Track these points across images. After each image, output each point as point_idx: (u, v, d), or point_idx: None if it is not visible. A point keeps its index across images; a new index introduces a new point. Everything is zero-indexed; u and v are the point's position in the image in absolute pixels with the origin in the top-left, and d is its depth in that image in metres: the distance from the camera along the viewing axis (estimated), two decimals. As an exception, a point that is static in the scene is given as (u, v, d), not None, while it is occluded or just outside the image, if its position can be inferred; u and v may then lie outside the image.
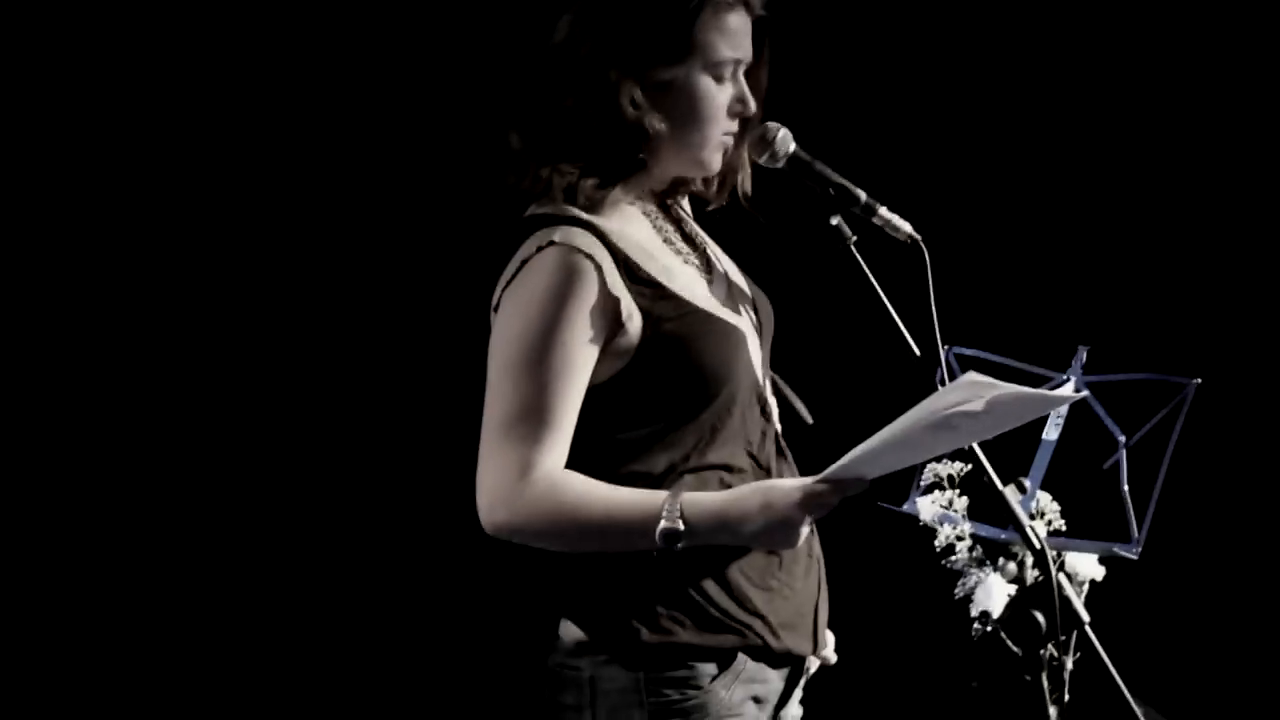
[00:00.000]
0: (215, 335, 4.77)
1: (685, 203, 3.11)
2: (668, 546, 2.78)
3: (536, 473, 2.80)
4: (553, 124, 2.90)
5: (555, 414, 2.82)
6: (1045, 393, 2.87)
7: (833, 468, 2.75)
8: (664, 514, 2.78)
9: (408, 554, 4.81)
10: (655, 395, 2.88)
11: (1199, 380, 3.08)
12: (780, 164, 3.00)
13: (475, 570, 4.69)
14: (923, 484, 3.10)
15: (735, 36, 2.93)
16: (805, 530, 2.81)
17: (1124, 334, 4.53)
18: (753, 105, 2.96)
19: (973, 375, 2.67)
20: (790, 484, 2.80)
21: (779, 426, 3.01)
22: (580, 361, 2.83)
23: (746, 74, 2.96)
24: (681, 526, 2.78)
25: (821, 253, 2.95)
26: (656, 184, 3.01)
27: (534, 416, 2.81)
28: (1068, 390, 2.97)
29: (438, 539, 4.71)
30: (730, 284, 3.03)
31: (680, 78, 2.91)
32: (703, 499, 2.81)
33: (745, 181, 3.04)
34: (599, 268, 2.85)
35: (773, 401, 3.02)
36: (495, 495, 2.81)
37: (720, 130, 2.95)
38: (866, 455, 2.73)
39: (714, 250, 3.08)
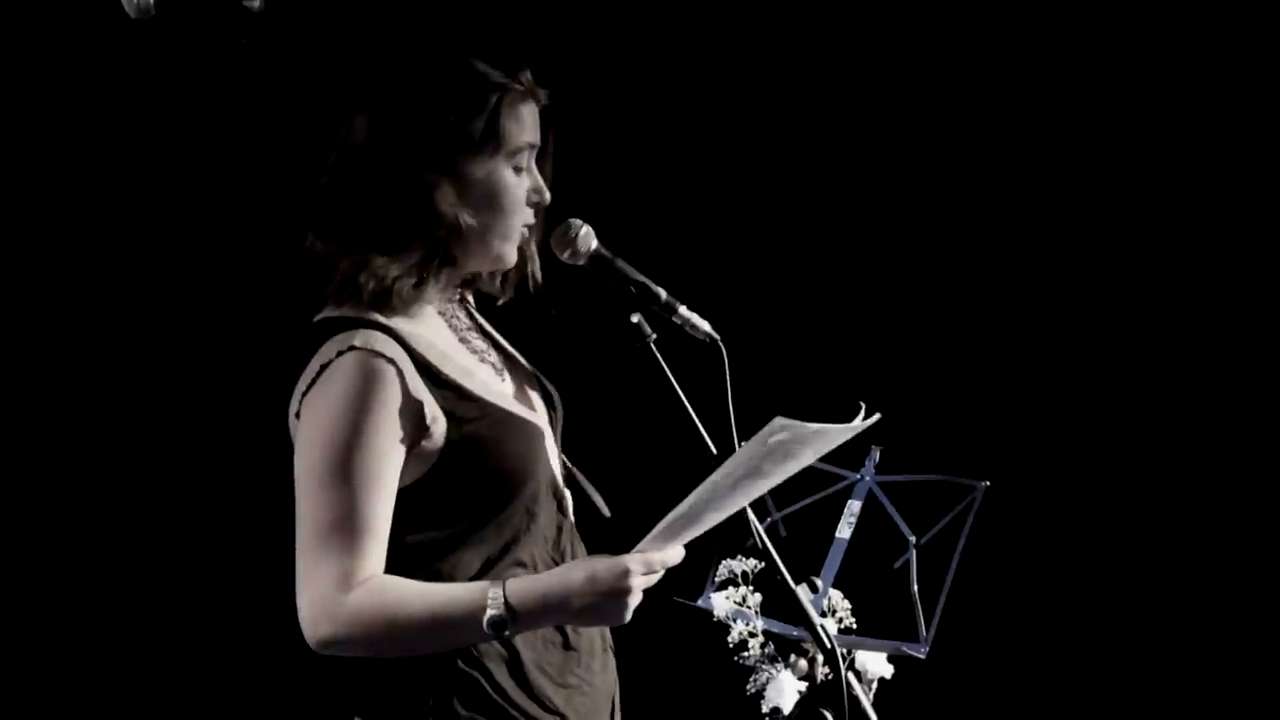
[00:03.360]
0: (216, 336, 4.73)
1: (471, 298, 3.11)
2: (497, 635, 2.78)
3: (357, 583, 2.78)
4: (360, 223, 2.89)
5: (369, 521, 2.80)
6: (845, 427, 2.89)
7: (653, 532, 2.77)
8: (489, 603, 2.77)
9: None
10: (459, 496, 2.88)
11: (987, 483, 3.13)
12: (582, 261, 3.02)
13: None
14: (717, 580, 3.12)
15: (529, 125, 2.96)
16: (634, 602, 2.80)
17: (916, 435, 4.58)
18: (548, 195, 2.99)
19: (780, 419, 2.71)
20: (613, 557, 2.80)
21: (573, 519, 3.02)
22: (388, 466, 2.82)
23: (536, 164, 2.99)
24: (507, 613, 2.77)
25: (621, 348, 2.97)
26: (455, 280, 3.01)
27: (348, 525, 2.79)
28: (856, 426, 2.98)
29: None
30: (523, 379, 3.04)
31: (487, 171, 2.92)
32: (525, 583, 2.80)
33: (536, 272, 3.05)
34: (400, 372, 2.84)
35: (568, 495, 3.03)
36: (318, 610, 2.78)
37: (520, 221, 2.97)
38: (685, 515, 2.75)
39: (504, 344, 3.09)
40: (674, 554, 2.80)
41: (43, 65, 4.66)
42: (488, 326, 3.10)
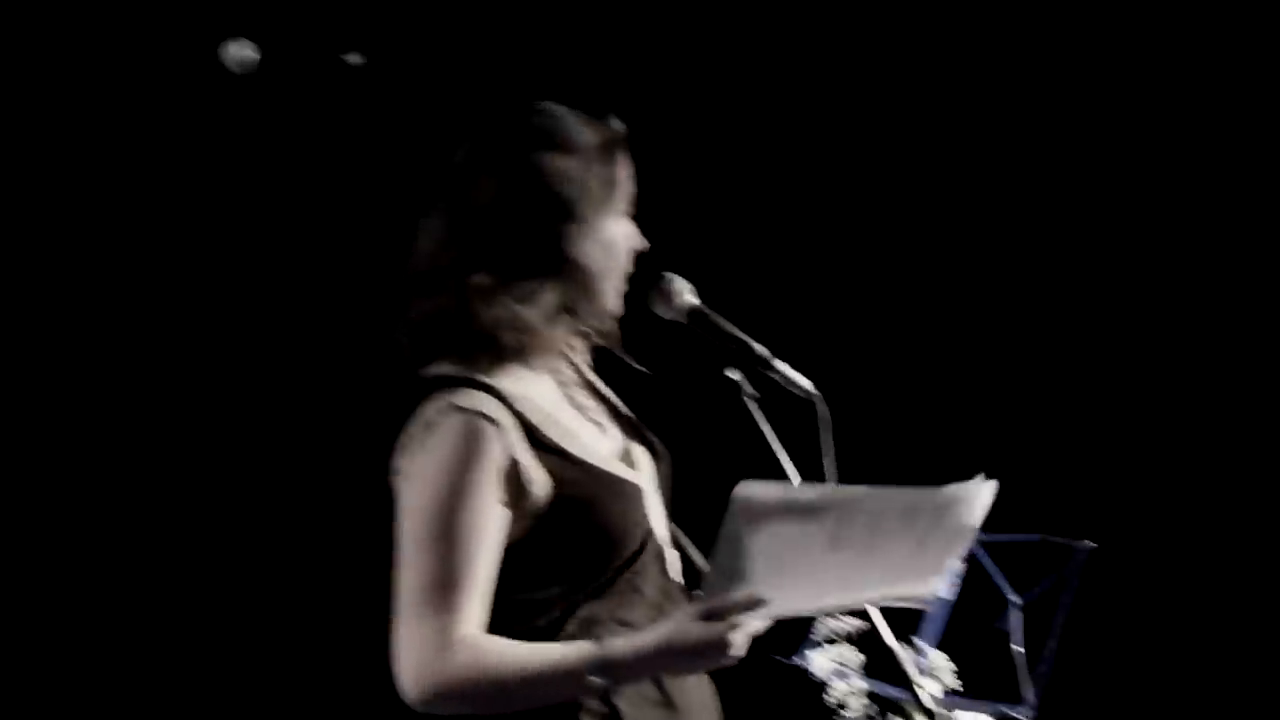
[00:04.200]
0: (216, 337, 4.78)
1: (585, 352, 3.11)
2: (597, 695, 2.78)
3: (457, 641, 2.78)
4: (487, 275, 2.88)
5: (470, 580, 2.80)
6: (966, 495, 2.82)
7: (741, 591, 2.74)
8: (590, 664, 2.77)
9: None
10: (560, 555, 2.87)
11: (1092, 543, 3.09)
12: (680, 316, 3.01)
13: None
14: (816, 638, 3.10)
15: (631, 175, 2.97)
16: (740, 640, 2.76)
17: (1020, 493, 4.54)
18: (643, 240, 2.99)
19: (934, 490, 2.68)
20: (703, 619, 2.75)
21: (680, 579, 3.01)
22: (489, 527, 2.82)
23: None
24: (608, 675, 2.77)
25: (717, 403, 2.96)
26: (572, 332, 3.00)
27: (449, 585, 2.79)
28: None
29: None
30: (629, 438, 3.03)
31: (607, 220, 2.93)
32: (626, 645, 2.79)
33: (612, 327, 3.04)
34: (502, 432, 2.84)
35: (672, 555, 3.01)
36: (419, 669, 2.79)
37: (625, 270, 2.97)
38: (755, 575, 2.72)
39: (613, 400, 3.08)
40: (750, 606, 2.76)
41: (154, 122, 4.72)
42: (595, 380, 3.09)
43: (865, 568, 2.78)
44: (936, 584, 2.77)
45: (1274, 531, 4.87)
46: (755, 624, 2.77)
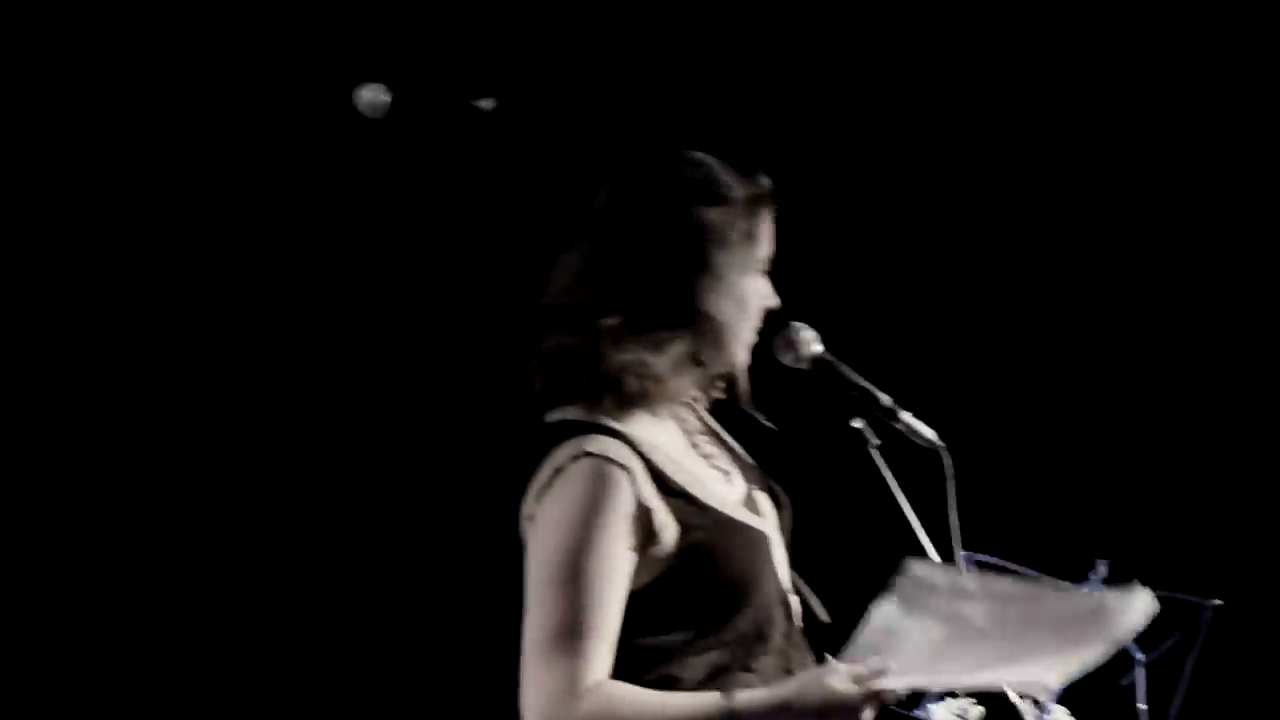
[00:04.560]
0: (217, 339, 4.82)
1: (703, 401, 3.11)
2: None
3: (587, 688, 2.79)
4: (619, 322, 2.88)
5: (599, 626, 2.81)
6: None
7: (894, 680, 2.74)
8: (720, 717, 2.77)
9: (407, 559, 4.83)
10: (687, 602, 2.87)
11: (1219, 601, 3.06)
12: (805, 365, 3.00)
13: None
14: (937, 690, 3.08)
15: (771, 232, 2.97)
16: (870, 709, 2.78)
17: (1145, 548, 4.50)
18: (776, 298, 2.98)
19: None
20: (844, 685, 2.77)
21: (799, 625, 3.00)
22: (618, 573, 2.83)
23: None
24: None
25: (841, 453, 2.95)
26: (701, 383, 3.00)
27: (578, 630, 2.80)
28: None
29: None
30: (751, 482, 3.02)
31: (742, 275, 2.93)
32: (756, 698, 2.80)
33: (744, 378, 3.04)
34: (633, 479, 2.85)
35: (794, 601, 3.01)
36: (546, 713, 2.79)
37: (755, 327, 2.97)
38: (931, 678, 2.72)
39: (735, 447, 3.08)
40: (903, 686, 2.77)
41: (285, 163, 4.77)
42: (718, 429, 3.09)
43: (1003, 655, 2.77)
44: (1065, 678, 2.74)
45: None
46: (889, 695, 2.77)
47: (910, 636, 2.76)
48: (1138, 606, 2.75)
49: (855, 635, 2.79)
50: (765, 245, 2.95)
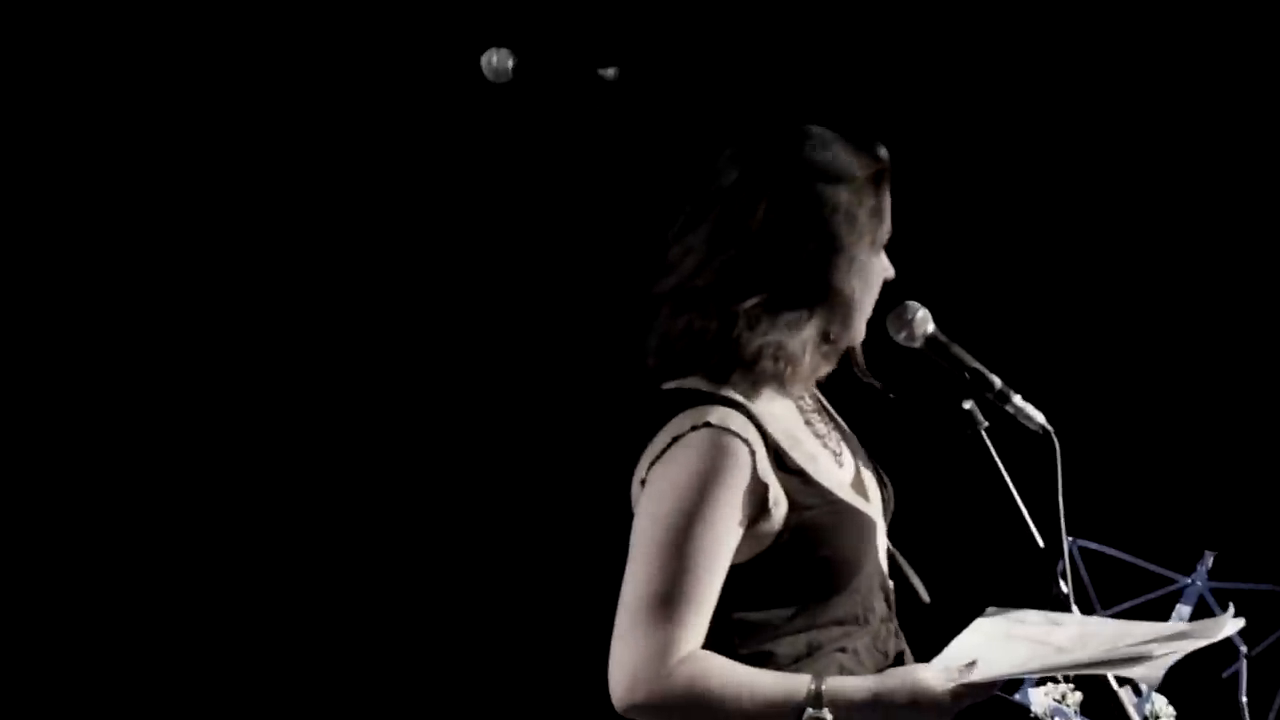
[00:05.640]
0: (218, 340, 4.84)
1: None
2: None
3: (679, 655, 2.80)
4: (755, 297, 2.88)
5: (699, 596, 2.81)
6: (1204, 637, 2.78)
7: (984, 676, 2.75)
8: (809, 699, 2.78)
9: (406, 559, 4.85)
10: (790, 580, 2.88)
11: (1326, 595, 3.04)
12: (917, 344, 3.01)
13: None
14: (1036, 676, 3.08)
15: (890, 206, 2.97)
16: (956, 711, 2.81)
17: (1253, 540, 4.47)
18: (892, 273, 2.99)
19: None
20: (936, 680, 2.79)
21: (894, 610, 3.01)
22: (725, 545, 2.83)
23: None
24: (828, 715, 2.78)
25: (951, 434, 2.95)
26: (831, 359, 2.99)
27: (678, 598, 2.81)
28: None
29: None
30: (860, 464, 3.03)
31: (868, 250, 2.93)
32: (847, 685, 2.81)
33: (860, 353, 3.05)
34: (753, 452, 2.85)
35: (891, 585, 3.01)
36: (637, 676, 2.80)
37: (874, 302, 2.98)
38: (1020, 671, 2.73)
39: (844, 427, 3.09)
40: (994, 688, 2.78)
41: (410, 127, 4.80)
42: (830, 408, 3.09)
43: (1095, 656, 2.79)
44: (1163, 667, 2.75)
45: None
46: (980, 692, 2.78)
47: (1000, 650, 2.77)
48: (1224, 628, 2.75)
49: (946, 649, 2.80)
50: (888, 220, 2.96)
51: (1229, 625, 2.77)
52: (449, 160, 4.80)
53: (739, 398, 2.89)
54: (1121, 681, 2.92)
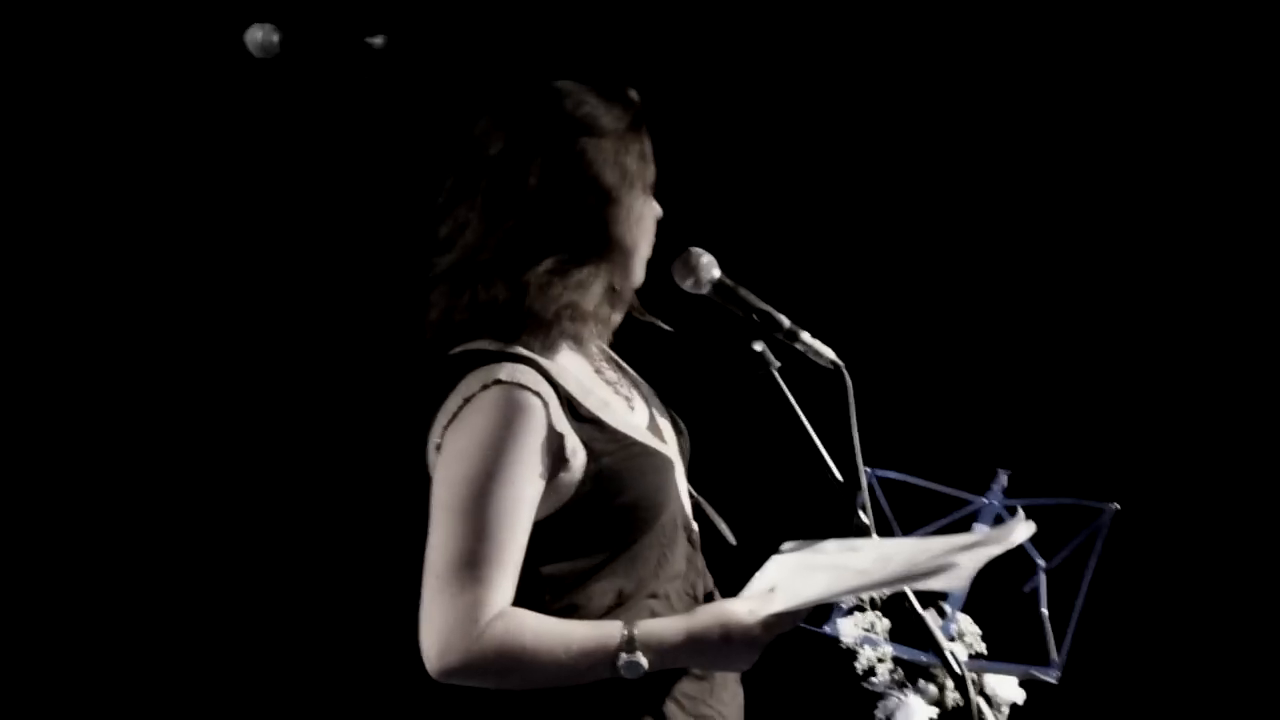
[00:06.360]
0: (218, 340, 4.80)
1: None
2: (628, 676, 2.80)
3: (489, 615, 2.80)
4: (533, 256, 2.89)
5: (504, 554, 2.81)
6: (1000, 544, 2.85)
7: (790, 604, 2.79)
8: (622, 645, 2.80)
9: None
10: (594, 528, 2.89)
11: (1117, 505, 3.10)
12: (704, 290, 3.02)
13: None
14: (844, 606, 3.12)
15: (651, 148, 2.99)
16: (758, 652, 2.84)
17: (1044, 457, 4.56)
18: (660, 213, 3.01)
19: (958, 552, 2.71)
20: (745, 613, 2.82)
21: (700, 550, 3.03)
22: (527, 500, 2.83)
23: None
24: (642, 659, 2.79)
25: (744, 376, 2.98)
26: (617, 308, 3.00)
27: (483, 558, 2.80)
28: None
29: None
30: (652, 409, 3.05)
31: (639, 197, 2.95)
32: (658, 627, 2.83)
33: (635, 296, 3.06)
34: (546, 405, 2.85)
35: (695, 526, 3.03)
36: (448, 640, 2.80)
37: (651, 244, 3.00)
38: (825, 597, 2.78)
39: (633, 374, 3.10)
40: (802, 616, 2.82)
41: (175, 109, 4.74)
42: (617, 358, 3.11)
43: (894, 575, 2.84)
44: (964, 579, 2.82)
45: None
46: (789, 620, 2.83)
47: (802, 580, 2.82)
48: (1018, 533, 2.83)
49: (748, 585, 2.84)
50: (651, 164, 2.97)
51: (1021, 530, 2.84)
52: (222, 136, 4.75)
53: (527, 353, 2.89)
54: (925, 604, 2.97)
